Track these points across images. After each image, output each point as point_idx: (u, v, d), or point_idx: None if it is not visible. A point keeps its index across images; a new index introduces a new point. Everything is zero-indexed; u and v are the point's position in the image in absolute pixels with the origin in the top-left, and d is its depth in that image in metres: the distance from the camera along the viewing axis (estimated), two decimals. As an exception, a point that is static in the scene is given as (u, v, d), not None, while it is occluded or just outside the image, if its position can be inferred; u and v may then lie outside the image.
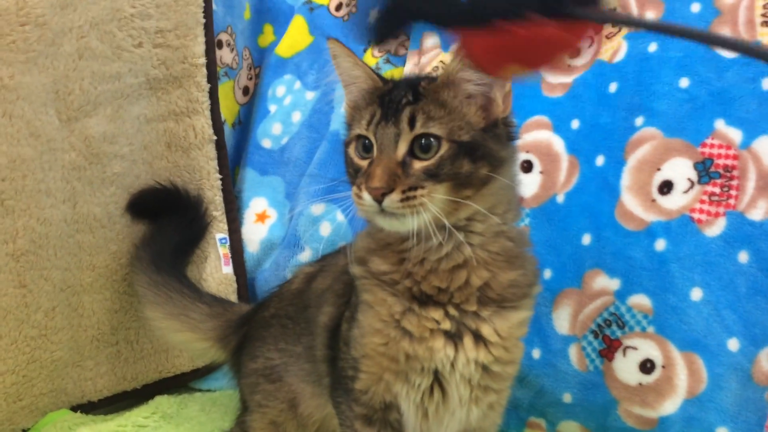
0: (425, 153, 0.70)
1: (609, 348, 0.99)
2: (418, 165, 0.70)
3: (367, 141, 0.73)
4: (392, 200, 0.68)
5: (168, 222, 1.16)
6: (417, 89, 0.73)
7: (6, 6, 0.93)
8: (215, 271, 1.24)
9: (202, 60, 1.25)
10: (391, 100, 0.73)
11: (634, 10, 1.08)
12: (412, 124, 0.71)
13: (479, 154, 0.70)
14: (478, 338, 0.74)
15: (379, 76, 0.78)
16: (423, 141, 0.70)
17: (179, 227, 1.18)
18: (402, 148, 0.71)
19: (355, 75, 0.78)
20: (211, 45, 1.27)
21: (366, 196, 0.69)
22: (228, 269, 1.26)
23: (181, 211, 1.19)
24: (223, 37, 1.39)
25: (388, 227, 0.72)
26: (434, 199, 0.69)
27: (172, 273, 1.08)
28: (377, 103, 0.74)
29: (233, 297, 1.26)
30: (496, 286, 0.74)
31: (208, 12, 1.26)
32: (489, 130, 0.73)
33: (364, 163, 0.73)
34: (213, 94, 1.28)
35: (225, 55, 1.40)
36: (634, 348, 0.97)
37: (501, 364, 0.76)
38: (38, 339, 1.01)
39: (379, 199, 0.68)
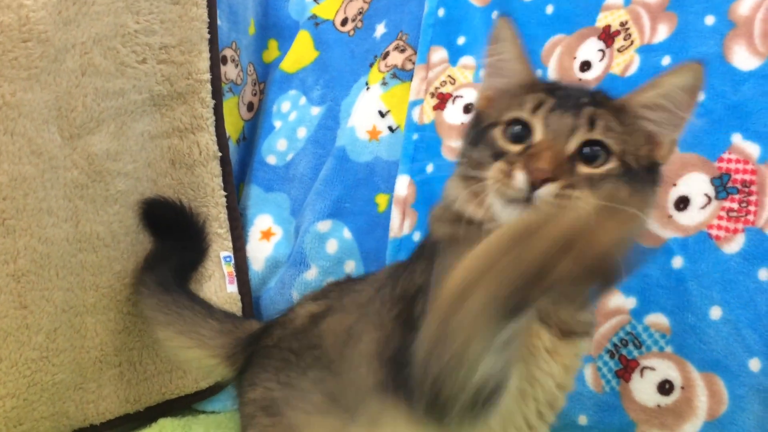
0: (590, 162, 0.67)
1: (625, 368, 0.96)
2: (584, 169, 0.66)
3: (523, 127, 0.68)
4: (550, 190, 0.63)
5: (170, 240, 1.14)
6: (596, 97, 0.70)
7: (8, 22, 0.91)
8: (219, 289, 1.22)
9: (207, 76, 1.23)
10: (566, 94, 0.69)
11: (647, 23, 1.06)
12: (591, 124, 0.67)
13: (636, 188, 0.67)
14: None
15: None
16: (592, 148, 0.67)
17: (182, 245, 1.16)
18: (573, 144, 0.67)
19: (514, 64, 0.75)
20: (216, 61, 1.25)
21: (520, 176, 0.64)
22: (233, 288, 1.24)
23: (184, 228, 1.17)
24: (228, 52, 1.38)
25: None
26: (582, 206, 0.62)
27: (181, 290, 1.06)
28: (543, 93, 0.70)
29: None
30: (576, 322, 0.72)
31: (212, 28, 1.24)
32: (647, 171, 0.70)
33: (514, 148, 0.68)
34: (218, 110, 1.26)
35: (229, 71, 1.38)
36: (652, 368, 0.94)
37: (565, 395, 0.75)
38: (39, 361, 0.98)
39: (536, 184, 0.63)
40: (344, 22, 1.44)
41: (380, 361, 0.75)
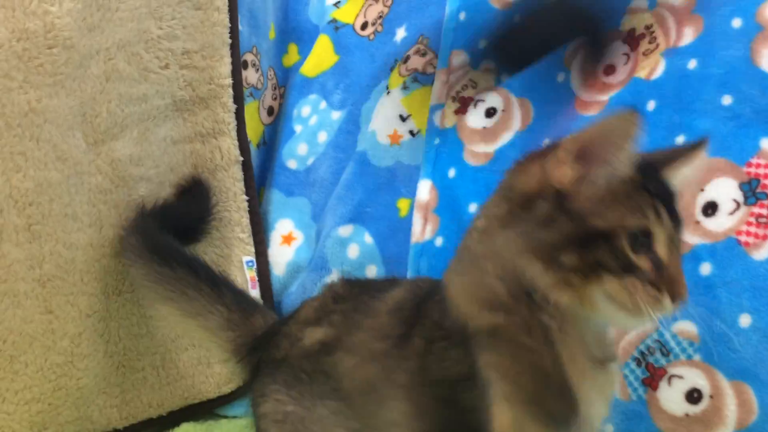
0: None
1: (653, 376, 0.95)
2: None
3: (645, 236, 0.67)
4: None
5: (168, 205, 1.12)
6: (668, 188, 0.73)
7: (34, 29, 0.92)
8: (242, 294, 1.22)
9: (229, 81, 1.24)
10: (663, 194, 0.70)
11: (672, 26, 1.05)
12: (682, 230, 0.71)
13: None
14: None
15: None
16: None
17: (181, 208, 1.14)
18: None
19: (627, 164, 0.69)
20: (237, 66, 1.26)
21: (668, 302, 0.67)
22: (255, 293, 1.24)
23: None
24: (249, 57, 1.38)
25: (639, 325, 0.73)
26: None
27: (184, 264, 0.99)
28: (651, 199, 0.68)
29: (260, 321, 1.24)
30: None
31: (234, 33, 1.25)
32: None
33: (645, 264, 0.67)
34: (239, 115, 1.27)
35: (250, 76, 1.39)
36: (680, 377, 0.93)
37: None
38: (64, 366, 0.99)
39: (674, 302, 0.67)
40: (364, 26, 1.44)
41: None
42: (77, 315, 0.98)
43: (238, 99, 1.26)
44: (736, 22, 0.99)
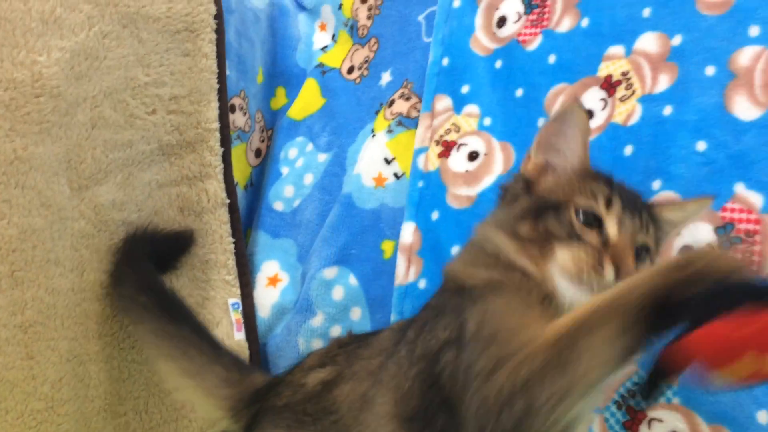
0: (637, 260, 0.74)
1: (633, 420, 0.95)
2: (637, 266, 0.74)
3: (594, 217, 0.75)
4: None
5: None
6: (642, 200, 0.80)
7: (21, 78, 0.94)
8: (227, 337, 1.22)
9: (216, 125, 1.26)
10: (626, 195, 0.76)
11: (648, 73, 1.07)
12: (647, 229, 0.75)
13: None
14: None
15: None
16: (640, 251, 0.75)
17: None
18: (634, 245, 0.74)
19: (579, 151, 0.80)
20: (225, 110, 1.28)
21: (610, 269, 0.71)
22: (240, 335, 1.24)
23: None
24: (236, 101, 1.40)
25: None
26: None
27: (188, 323, 1.03)
28: (607, 188, 0.76)
29: (245, 364, 1.23)
30: None
31: (221, 78, 1.27)
32: None
33: (593, 238, 0.73)
34: (226, 158, 1.28)
35: (238, 119, 1.41)
36: (660, 420, 0.93)
37: None
38: (45, 412, 0.98)
39: (619, 278, 0.70)
40: (351, 70, 1.47)
41: (400, 421, 0.75)
42: (58, 360, 0.98)
43: (225, 142, 1.28)
44: (710, 70, 1.02)
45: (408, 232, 1.20)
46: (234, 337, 1.23)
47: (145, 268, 1.08)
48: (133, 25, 1.12)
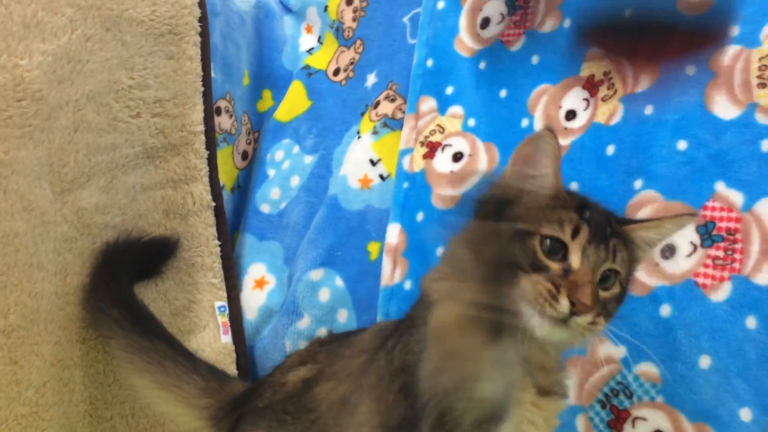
0: (603, 284, 0.74)
1: (617, 419, 0.96)
2: (603, 294, 0.74)
3: (560, 245, 0.74)
4: (585, 320, 0.70)
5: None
6: (612, 222, 0.78)
7: (3, 82, 0.93)
8: (213, 341, 1.22)
9: (201, 127, 1.26)
10: (595, 221, 0.75)
11: (629, 72, 1.08)
12: (614, 257, 0.75)
13: (620, 303, 0.77)
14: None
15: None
16: (607, 274, 0.75)
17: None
18: (599, 274, 0.74)
19: (550, 178, 0.78)
20: (210, 112, 1.28)
21: (565, 304, 0.70)
22: (227, 338, 1.24)
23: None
24: (222, 103, 1.40)
25: (547, 335, 0.71)
26: (601, 331, 0.73)
27: (162, 336, 1.03)
28: (575, 215, 0.75)
29: (232, 367, 1.23)
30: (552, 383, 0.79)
31: (206, 80, 1.27)
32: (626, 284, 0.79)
33: (554, 266, 0.73)
34: (211, 161, 1.28)
35: (224, 122, 1.41)
36: (644, 419, 0.94)
37: None
38: (29, 417, 0.98)
39: (575, 314, 0.70)
40: (336, 72, 1.47)
41: (383, 429, 0.77)
42: (42, 364, 0.98)
43: (211, 145, 1.27)
44: (690, 69, 1.03)
45: (393, 233, 1.21)
46: (221, 340, 1.23)
47: (120, 281, 1.07)
48: (116, 28, 1.12)
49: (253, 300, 1.31)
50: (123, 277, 1.08)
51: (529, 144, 0.79)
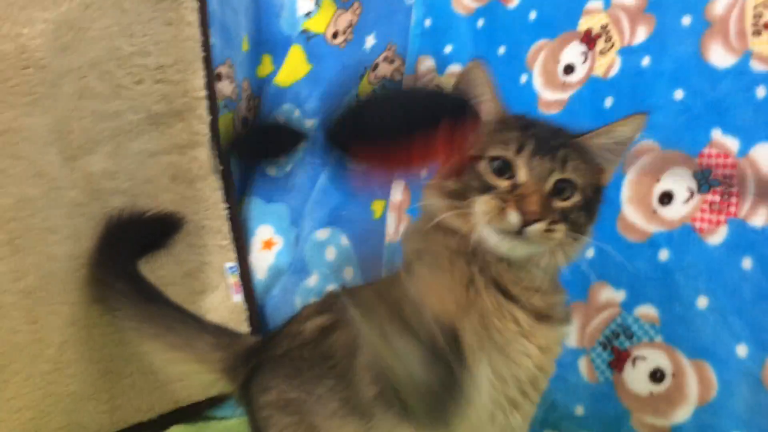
0: (560, 195, 0.76)
1: (618, 359, 0.99)
2: (558, 204, 0.75)
3: (506, 164, 0.76)
4: (538, 229, 0.72)
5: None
6: (564, 136, 0.79)
7: (7, 51, 0.95)
8: (225, 299, 1.25)
9: (203, 93, 1.27)
10: (540, 136, 0.77)
11: (626, 25, 1.09)
12: (563, 166, 0.76)
13: (589, 212, 0.78)
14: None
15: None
16: (562, 185, 0.76)
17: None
18: (550, 183, 0.75)
19: (489, 104, 0.81)
20: (211, 78, 1.29)
21: (514, 215, 0.71)
22: (238, 297, 1.27)
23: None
24: (222, 69, 1.41)
25: (506, 250, 0.74)
26: (561, 238, 0.74)
27: (167, 303, 1.05)
28: (520, 134, 0.77)
29: (244, 325, 1.27)
30: (549, 306, 0.79)
31: (206, 46, 1.28)
32: (594, 194, 0.80)
33: (502, 183, 0.75)
34: (214, 126, 1.30)
35: (225, 88, 1.42)
36: (643, 358, 0.97)
37: (546, 376, 0.80)
38: (52, 373, 1.02)
39: (527, 223, 0.71)
40: (335, 35, 1.48)
41: (372, 374, 0.80)
42: (61, 324, 1.01)
43: (213, 110, 1.29)
44: (686, 20, 1.04)
45: (398, 190, 1.23)
46: (232, 299, 1.26)
47: (123, 255, 1.08)
48: (115, -6, 1.13)
49: (263, 260, 1.34)
50: (126, 251, 1.09)
51: (461, 80, 0.81)
